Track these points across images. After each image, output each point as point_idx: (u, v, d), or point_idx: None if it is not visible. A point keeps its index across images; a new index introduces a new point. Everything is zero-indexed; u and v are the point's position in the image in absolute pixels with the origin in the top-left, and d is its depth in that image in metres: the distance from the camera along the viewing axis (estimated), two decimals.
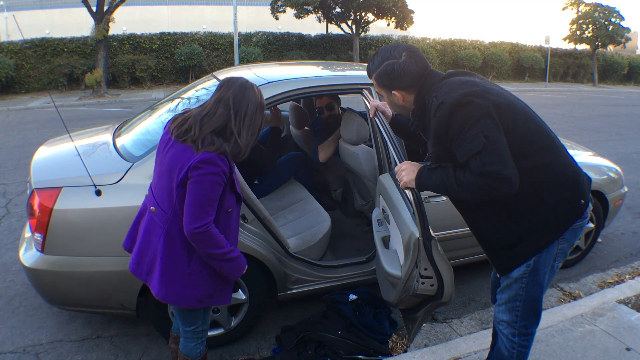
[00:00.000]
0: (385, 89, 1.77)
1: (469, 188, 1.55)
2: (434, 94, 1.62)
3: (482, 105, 1.53)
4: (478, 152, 1.49)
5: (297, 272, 2.71)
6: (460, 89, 1.57)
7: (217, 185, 1.71)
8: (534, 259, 1.72)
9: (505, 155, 1.50)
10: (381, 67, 1.73)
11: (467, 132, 1.51)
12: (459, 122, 1.52)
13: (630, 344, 2.54)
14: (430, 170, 1.70)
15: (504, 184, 1.50)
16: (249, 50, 17.63)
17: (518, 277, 1.76)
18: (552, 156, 1.67)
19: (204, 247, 1.74)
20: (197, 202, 1.69)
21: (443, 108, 1.55)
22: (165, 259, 1.80)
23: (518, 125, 1.60)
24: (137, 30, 18.28)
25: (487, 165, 1.49)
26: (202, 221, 1.69)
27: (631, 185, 5.27)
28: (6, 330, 2.75)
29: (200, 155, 1.68)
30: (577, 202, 1.70)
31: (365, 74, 3.23)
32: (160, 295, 1.83)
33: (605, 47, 25.37)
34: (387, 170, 2.63)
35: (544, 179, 1.64)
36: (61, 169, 2.57)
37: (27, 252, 2.41)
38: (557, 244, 1.72)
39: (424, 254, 1.92)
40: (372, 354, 2.48)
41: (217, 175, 1.69)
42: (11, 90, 15.41)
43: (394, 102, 1.80)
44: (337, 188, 3.85)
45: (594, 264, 3.78)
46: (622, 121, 11.57)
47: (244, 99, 1.77)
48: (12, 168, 6.05)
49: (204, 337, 2.06)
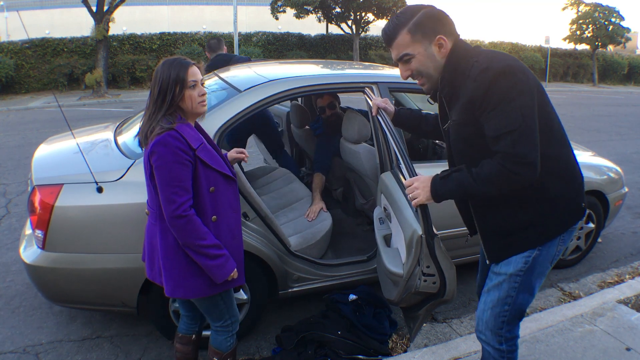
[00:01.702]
0: (426, 38, 1.57)
1: (490, 179, 1.50)
2: (474, 59, 1.53)
3: (526, 81, 1.48)
4: (512, 130, 1.44)
5: (298, 271, 2.71)
6: (506, 59, 1.50)
7: (176, 165, 1.69)
8: (533, 256, 1.65)
9: (536, 139, 1.46)
10: (417, 15, 1.57)
11: (506, 105, 1.45)
12: (501, 90, 1.46)
13: (630, 344, 2.54)
14: (443, 178, 1.62)
15: (528, 169, 1.46)
16: (249, 50, 17.64)
17: (514, 272, 1.68)
18: (567, 152, 1.65)
19: (184, 236, 1.72)
20: (163, 185, 1.69)
21: (487, 73, 1.47)
22: (164, 254, 1.80)
23: (546, 110, 1.56)
24: (137, 30, 18.29)
25: (517, 146, 1.44)
26: (175, 203, 1.68)
27: (631, 185, 5.27)
28: (6, 330, 2.75)
29: (152, 142, 1.70)
30: (579, 204, 1.67)
31: (366, 72, 3.26)
32: (169, 291, 1.82)
33: (605, 47, 25.41)
34: (389, 168, 2.63)
35: (559, 172, 1.61)
36: (62, 166, 2.57)
37: (28, 249, 2.41)
38: (557, 245, 1.67)
39: (427, 251, 1.91)
40: (372, 354, 2.48)
41: (173, 154, 1.68)
42: (11, 90, 15.41)
43: (432, 56, 1.60)
44: (338, 187, 3.85)
45: (594, 264, 3.78)
46: (622, 121, 11.58)
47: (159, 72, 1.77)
48: (12, 168, 6.05)
49: (234, 330, 2.05)
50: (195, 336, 2.16)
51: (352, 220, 3.62)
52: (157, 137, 1.69)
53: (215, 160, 1.83)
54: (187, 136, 1.73)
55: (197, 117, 1.88)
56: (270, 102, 2.60)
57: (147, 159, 1.73)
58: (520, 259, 1.67)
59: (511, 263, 1.69)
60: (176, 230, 1.71)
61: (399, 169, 2.46)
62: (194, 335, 2.15)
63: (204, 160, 1.77)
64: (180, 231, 1.71)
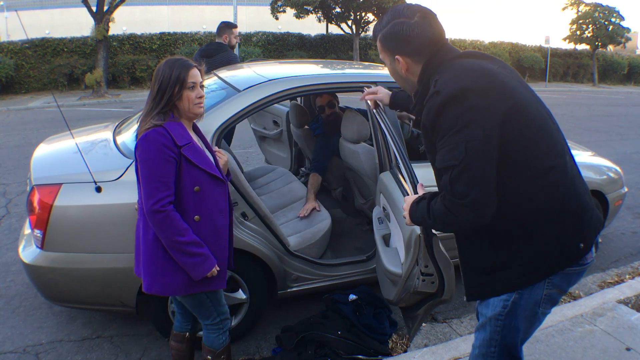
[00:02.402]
0: (389, 53, 1.49)
1: (438, 217, 1.37)
2: (436, 76, 1.38)
3: (481, 107, 1.28)
4: (452, 165, 1.28)
5: (298, 270, 2.71)
6: (465, 79, 1.31)
7: (158, 160, 1.70)
8: (512, 300, 1.45)
9: (480, 177, 1.27)
10: (388, 26, 1.46)
11: (451, 137, 1.28)
12: (447, 119, 1.29)
13: (630, 344, 2.53)
14: (417, 204, 1.50)
15: (468, 212, 1.29)
16: (249, 50, 17.64)
17: (493, 316, 1.50)
18: (557, 182, 1.39)
19: (161, 231, 1.72)
20: (145, 180, 1.71)
21: (436, 98, 1.31)
22: (144, 249, 1.81)
23: (525, 136, 1.34)
24: (137, 30, 18.28)
25: (454, 184, 1.28)
26: (154, 198, 1.69)
27: (631, 185, 5.27)
28: (6, 330, 2.75)
29: (139, 137, 1.73)
30: (575, 245, 1.41)
31: (366, 72, 3.26)
32: (145, 286, 1.82)
33: (605, 47, 25.40)
34: (388, 168, 2.63)
35: (540, 207, 1.38)
36: (61, 166, 2.57)
37: (27, 249, 2.41)
38: (543, 288, 1.44)
39: (425, 251, 1.91)
40: (372, 354, 2.48)
41: (157, 149, 1.69)
42: (11, 90, 15.41)
43: (396, 71, 1.52)
44: (337, 187, 3.85)
45: (594, 264, 3.77)
46: (622, 121, 11.57)
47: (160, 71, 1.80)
48: (12, 168, 6.05)
49: (225, 327, 2.06)
50: (189, 334, 2.16)
51: (351, 220, 3.62)
52: (144, 132, 1.72)
53: (203, 159, 1.83)
54: (174, 133, 1.74)
55: (193, 119, 1.89)
56: (270, 101, 2.60)
57: (134, 154, 1.76)
58: (499, 302, 1.48)
59: (489, 305, 1.52)
60: (154, 225, 1.72)
61: (398, 168, 2.46)
62: (188, 333, 2.15)
63: (189, 158, 1.77)
64: (158, 226, 1.71)
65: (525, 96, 1.39)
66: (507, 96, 1.33)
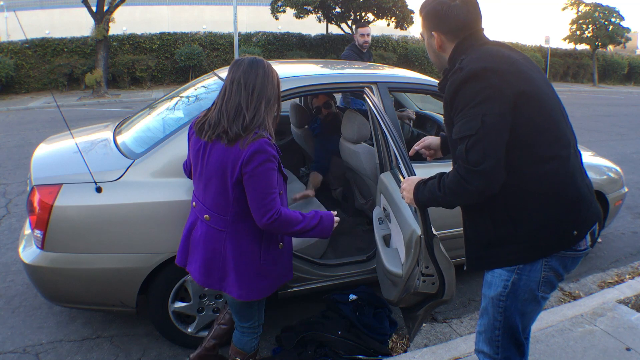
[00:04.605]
0: (428, 29, 1.63)
1: (451, 187, 1.47)
2: (463, 56, 1.50)
3: (498, 87, 1.39)
4: (469, 135, 1.39)
5: (298, 271, 2.70)
6: (488, 60, 1.44)
7: (272, 172, 1.72)
8: (512, 280, 1.56)
9: (495, 150, 1.39)
10: (433, 4, 1.60)
11: (469, 110, 1.40)
12: (466, 95, 1.41)
13: (630, 344, 2.53)
14: (424, 184, 1.61)
15: (480, 179, 1.39)
16: (249, 50, 17.61)
17: (495, 296, 1.61)
18: (557, 170, 1.48)
19: (283, 230, 1.79)
20: (260, 194, 1.70)
21: (459, 74, 1.44)
22: (237, 261, 1.82)
23: (535, 122, 1.45)
24: (137, 30, 18.26)
25: (470, 152, 1.39)
26: (272, 210, 1.71)
27: (631, 185, 5.27)
28: (6, 330, 2.75)
29: (248, 148, 1.68)
30: (569, 231, 1.51)
31: (366, 72, 3.26)
32: (242, 295, 1.85)
33: (605, 47, 25.37)
34: (388, 168, 2.63)
35: (539, 191, 1.48)
36: (61, 166, 2.57)
37: (27, 249, 2.41)
38: (541, 271, 1.55)
39: (426, 251, 1.91)
40: (372, 354, 2.48)
41: (269, 161, 1.71)
42: (11, 90, 15.39)
43: (431, 46, 1.65)
44: (337, 187, 3.85)
45: (594, 264, 3.77)
46: (622, 121, 11.57)
47: (251, 73, 1.76)
48: (12, 168, 6.05)
49: (259, 332, 2.09)
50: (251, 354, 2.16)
51: (351, 220, 3.62)
52: (254, 143, 1.68)
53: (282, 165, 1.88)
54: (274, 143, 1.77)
55: None
56: None
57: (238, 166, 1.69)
58: (499, 282, 1.59)
59: (492, 285, 1.62)
60: (275, 230, 1.78)
61: (398, 169, 2.46)
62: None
63: (282, 166, 1.83)
64: (279, 229, 1.78)
65: (541, 86, 1.49)
66: (523, 82, 1.44)
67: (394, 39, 21.89)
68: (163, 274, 2.40)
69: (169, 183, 2.33)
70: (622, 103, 16.53)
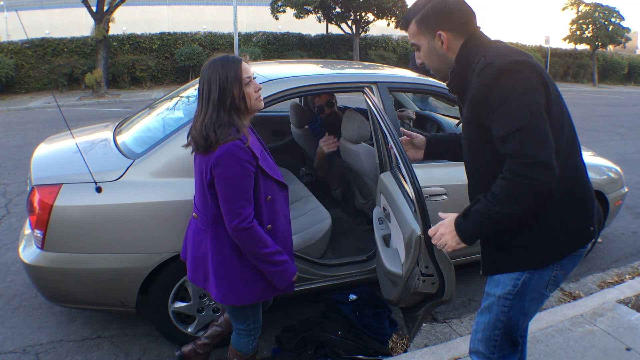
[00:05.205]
0: (429, 32, 1.55)
1: (507, 194, 1.35)
2: (482, 53, 1.44)
3: (533, 79, 1.36)
4: (519, 128, 1.31)
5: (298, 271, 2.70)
6: (514, 55, 1.39)
7: (243, 177, 1.66)
8: (523, 280, 1.52)
9: (548, 138, 1.32)
10: (428, 6, 1.54)
11: (511, 103, 1.33)
12: (504, 89, 1.35)
13: (630, 344, 2.53)
14: (464, 216, 1.48)
15: (542, 171, 1.31)
16: (249, 50, 17.63)
17: (502, 295, 1.55)
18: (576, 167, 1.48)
19: (248, 246, 1.71)
20: (229, 198, 1.66)
21: (490, 70, 1.37)
22: (216, 262, 1.80)
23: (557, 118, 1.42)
24: (137, 30, 18.28)
25: (525, 146, 1.31)
26: (240, 217, 1.66)
27: (631, 185, 5.27)
28: (6, 330, 2.75)
29: (217, 151, 1.64)
30: (587, 227, 1.51)
31: (366, 72, 3.26)
32: (220, 298, 1.82)
33: (605, 47, 25.39)
34: (388, 168, 2.63)
35: (568, 188, 1.45)
36: (61, 166, 2.57)
37: (27, 249, 2.41)
38: (552, 270, 1.52)
39: (425, 251, 1.91)
40: (372, 354, 2.48)
41: (241, 167, 1.64)
42: (11, 90, 15.41)
43: (434, 50, 1.56)
44: (337, 187, 3.85)
45: (594, 264, 3.77)
46: (622, 121, 11.57)
47: (202, 80, 1.72)
48: (12, 168, 6.05)
49: (257, 334, 2.07)
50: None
51: (351, 220, 3.62)
52: (222, 146, 1.64)
53: (272, 168, 1.81)
54: (251, 144, 1.70)
55: (254, 115, 1.83)
56: (270, 101, 2.60)
57: (209, 168, 1.68)
58: (509, 281, 1.54)
59: (499, 284, 1.56)
60: (241, 241, 1.71)
61: (398, 169, 2.46)
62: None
63: (265, 170, 1.75)
64: (245, 242, 1.70)
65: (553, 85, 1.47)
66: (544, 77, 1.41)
67: (394, 39, 21.90)
68: (163, 274, 2.40)
69: (169, 183, 2.33)
70: (622, 103, 16.53)
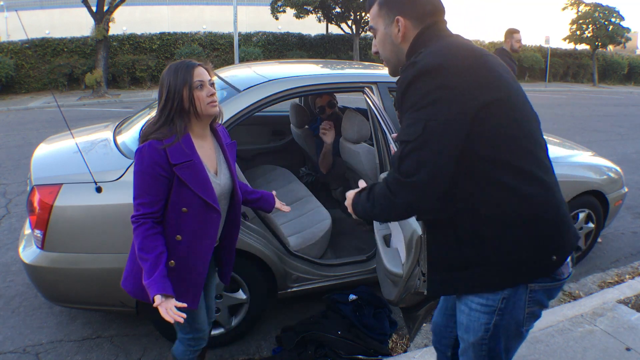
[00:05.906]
0: (388, 16, 1.38)
1: (378, 198, 1.29)
2: (423, 48, 1.28)
3: (453, 88, 1.17)
4: (408, 141, 1.19)
5: (298, 271, 2.71)
6: (447, 55, 1.22)
7: (146, 176, 1.63)
8: (494, 323, 1.35)
9: (432, 159, 1.17)
10: None
11: (412, 113, 1.20)
12: (415, 93, 1.20)
13: (630, 344, 2.53)
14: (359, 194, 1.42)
15: (408, 192, 1.20)
16: (249, 50, 17.64)
17: (475, 342, 1.41)
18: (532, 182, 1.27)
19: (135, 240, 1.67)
20: (134, 191, 1.67)
21: (411, 69, 1.23)
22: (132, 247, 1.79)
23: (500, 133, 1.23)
24: (137, 30, 18.28)
25: (404, 160, 1.20)
26: (138, 211, 1.65)
27: (631, 185, 5.26)
28: (6, 330, 2.75)
29: (137, 149, 1.68)
30: (547, 257, 1.29)
31: (366, 72, 3.26)
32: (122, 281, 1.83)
33: (605, 47, 25.39)
34: (388, 168, 2.63)
35: (511, 206, 1.26)
36: (61, 166, 2.57)
37: (27, 249, 2.41)
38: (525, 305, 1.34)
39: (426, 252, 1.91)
40: (372, 354, 2.48)
41: (148, 165, 1.63)
42: (11, 90, 15.41)
43: (388, 37, 1.40)
44: (337, 187, 3.85)
45: (594, 264, 3.77)
46: (622, 121, 11.57)
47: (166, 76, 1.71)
48: (12, 168, 6.05)
49: (196, 347, 1.99)
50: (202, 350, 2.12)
51: (351, 220, 3.62)
52: (142, 144, 1.66)
53: (200, 182, 1.71)
54: (171, 150, 1.64)
55: (209, 120, 1.80)
56: (270, 102, 2.60)
57: None
58: (479, 327, 1.38)
59: (470, 330, 1.41)
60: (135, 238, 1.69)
61: None
62: None
63: (182, 179, 1.67)
64: (134, 236, 1.68)
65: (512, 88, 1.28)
66: (492, 81, 1.23)
67: None
68: None
69: None
70: (622, 103, 16.52)
